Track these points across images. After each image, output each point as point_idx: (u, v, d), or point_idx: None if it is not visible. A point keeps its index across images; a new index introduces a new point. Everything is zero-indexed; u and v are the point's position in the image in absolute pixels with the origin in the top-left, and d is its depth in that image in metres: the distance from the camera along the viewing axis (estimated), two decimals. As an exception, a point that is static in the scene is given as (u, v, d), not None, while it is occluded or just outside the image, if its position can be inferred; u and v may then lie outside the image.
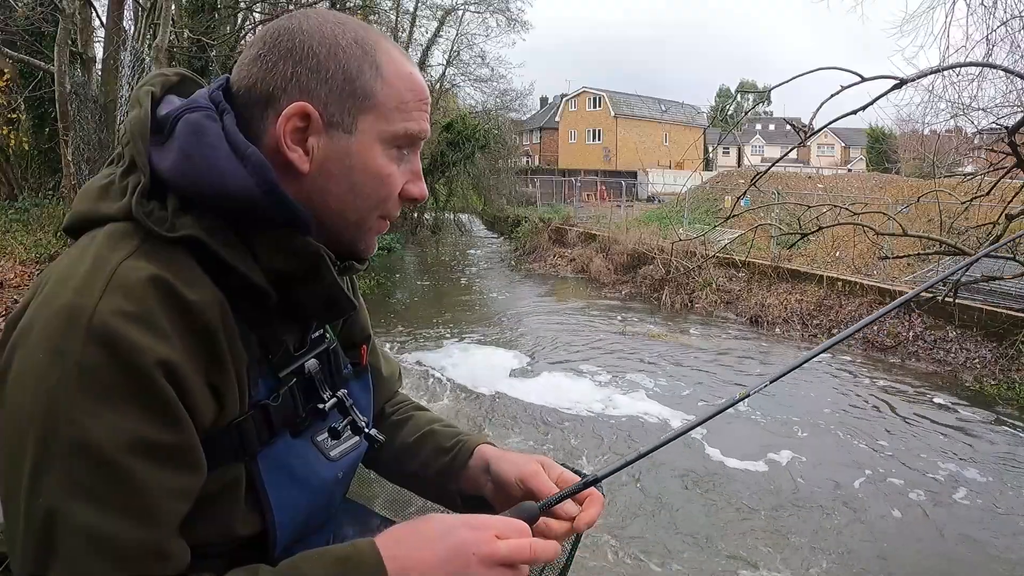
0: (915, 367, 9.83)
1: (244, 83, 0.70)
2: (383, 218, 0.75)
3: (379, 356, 1.00)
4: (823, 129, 4.23)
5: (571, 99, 46.59)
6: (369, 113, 0.69)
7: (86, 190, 0.70)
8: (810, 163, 42.45)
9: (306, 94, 0.67)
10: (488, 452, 0.91)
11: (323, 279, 0.70)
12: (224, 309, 0.65)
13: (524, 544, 0.68)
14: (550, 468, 0.85)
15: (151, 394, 0.59)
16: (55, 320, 0.58)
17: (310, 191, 0.69)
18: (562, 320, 12.81)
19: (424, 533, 0.67)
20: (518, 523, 0.71)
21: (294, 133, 0.68)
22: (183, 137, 0.66)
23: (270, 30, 0.70)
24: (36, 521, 0.56)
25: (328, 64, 0.68)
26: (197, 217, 0.65)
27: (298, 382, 0.75)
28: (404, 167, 0.73)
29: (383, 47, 0.71)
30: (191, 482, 0.63)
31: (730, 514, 5.53)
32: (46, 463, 0.56)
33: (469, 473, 0.91)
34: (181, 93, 0.73)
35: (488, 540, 0.66)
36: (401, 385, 1.07)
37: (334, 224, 0.72)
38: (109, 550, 0.57)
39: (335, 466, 0.79)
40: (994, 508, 5.70)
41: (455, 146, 17.77)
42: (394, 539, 0.66)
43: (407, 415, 1.01)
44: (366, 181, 0.71)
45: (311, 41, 0.68)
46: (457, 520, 0.69)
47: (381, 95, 0.70)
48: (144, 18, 11.18)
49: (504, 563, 0.66)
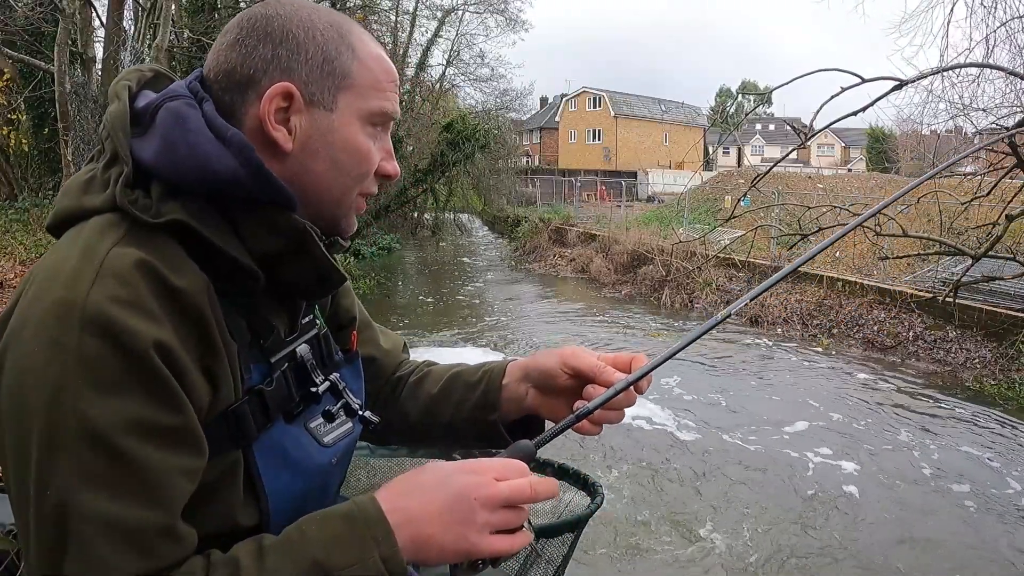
0: (915, 367, 9.83)
1: (222, 68, 0.71)
2: (363, 195, 0.77)
3: (376, 332, 1.01)
4: (823, 130, 4.23)
5: (571, 99, 46.59)
6: (347, 91, 0.72)
7: (68, 187, 0.70)
8: (810, 163, 42.45)
9: (287, 74, 0.69)
10: (519, 362, 0.92)
11: (311, 254, 0.71)
12: (211, 294, 0.66)
13: (524, 484, 0.68)
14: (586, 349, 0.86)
15: (150, 377, 0.59)
16: (49, 314, 0.58)
17: (294, 170, 0.71)
18: (562, 320, 12.81)
19: (423, 483, 0.67)
20: (516, 463, 0.71)
21: (277, 113, 0.69)
22: (165, 125, 0.67)
23: (246, 16, 0.72)
24: (47, 514, 0.57)
25: (307, 45, 0.70)
26: (182, 202, 0.65)
27: (291, 367, 0.75)
28: (378, 145, 0.76)
29: (355, 31, 0.74)
30: (195, 463, 0.63)
31: (716, 506, 5.53)
32: (53, 455, 0.57)
33: (507, 393, 0.91)
34: (155, 89, 0.74)
35: (488, 483, 0.67)
36: (408, 356, 1.07)
37: (318, 201, 0.73)
38: (123, 535, 0.57)
39: (329, 452, 0.79)
40: (994, 508, 5.71)
41: (455, 146, 17.73)
42: (394, 492, 0.67)
43: (423, 372, 1.01)
44: (347, 158, 0.73)
45: (288, 24, 0.70)
46: (454, 466, 0.69)
47: (357, 75, 0.72)
48: (144, 18, 11.18)
49: (506, 505, 0.67)
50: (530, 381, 0.89)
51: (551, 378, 0.86)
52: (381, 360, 1.00)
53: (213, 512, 0.67)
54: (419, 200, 20.58)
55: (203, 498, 0.65)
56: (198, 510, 0.64)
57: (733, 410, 7.56)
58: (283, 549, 0.63)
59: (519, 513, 0.68)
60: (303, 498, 0.76)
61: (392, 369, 1.02)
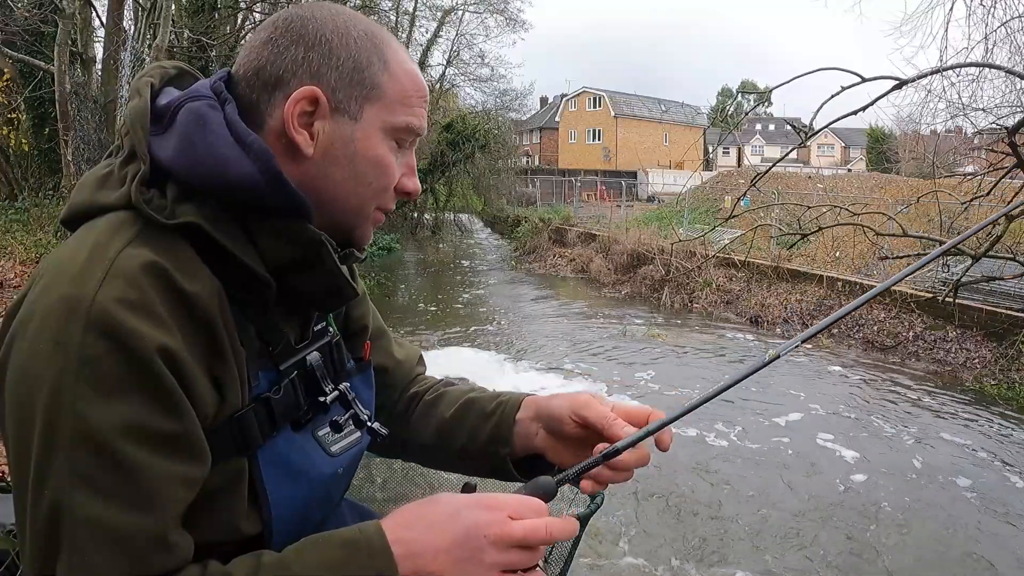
0: (915, 367, 9.83)
1: (252, 65, 0.70)
2: (380, 210, 0.75)
3: (391, 342, 0.99)
4: (823, 130, 4.23)
5: (571, 99, 46.58)
6: (375, 103, 0.71)
7: (83, 182, 0.70)
8: (810, 163, 42.45)
9: (316, 79, 0.68)
10: (534, 399, 0.90)
11: (325, 266, 0.70)
12: (222, 299, 0.65)
13: (539, 524, 0.65)
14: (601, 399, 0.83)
15: (152, 382, 0.58)
16: (54, 310, 0.58)
17: (313, 175, 0.70)
18: (562, 320, 12.81)
19: (432, 515, 0.65)
20: (533, 501, 0.68)
21: (301, 116, 0.68)
22: (185, 125, 0.66)
23: (282, 15, 0.71)
24: (42, 513, 0.57)
25: (339, 52, 0.69)
26: (198, 205, 0.64)
27: (300, 375, 0.74)
28: (400, 160, 0.74)
29: (391, 43, 0.73)
30: (193, 471, 0.62)
31: (722, 508, 5.54)
32: (50, 455, 0.56)
33: (519, 429, 0.88)
34: (179, 86, 0.73)
35: (501, 521, 0.64)
36: (424, 369, 1.05)
37: (334, 210, 0.72)
38: (112, 540, 0.56)
39: (335, 462, 0.78)
40: (994, 508, 5.71)
41: (455, 146, 17.77)
42: (401, 522, 0.65)
43: (439, 392, 0.98)
44: (367, 169, 0.71)
45: (323, 29, 0.69)
46: (468, 500, 0.66)
47: (387, 87, 0.71)
48: (144, 18, 11.19)
49: (519, 545, 0.64)
50: (541, 422, 0.87)
51: (560, 423, 0.84)
52: (394, 371, 0.98)
53: (216, 519, 0.66)
54: (419, 200, 20.61)
55: (207, 505, 0.64)
56: (201, 517, 0.64)
57: (732, 408, 7.56)
58: (279, 571, 0.61)
59: (532, 554, 0.65)
60: (307, 507, 0.75)
61: (406, 381, 1.00)
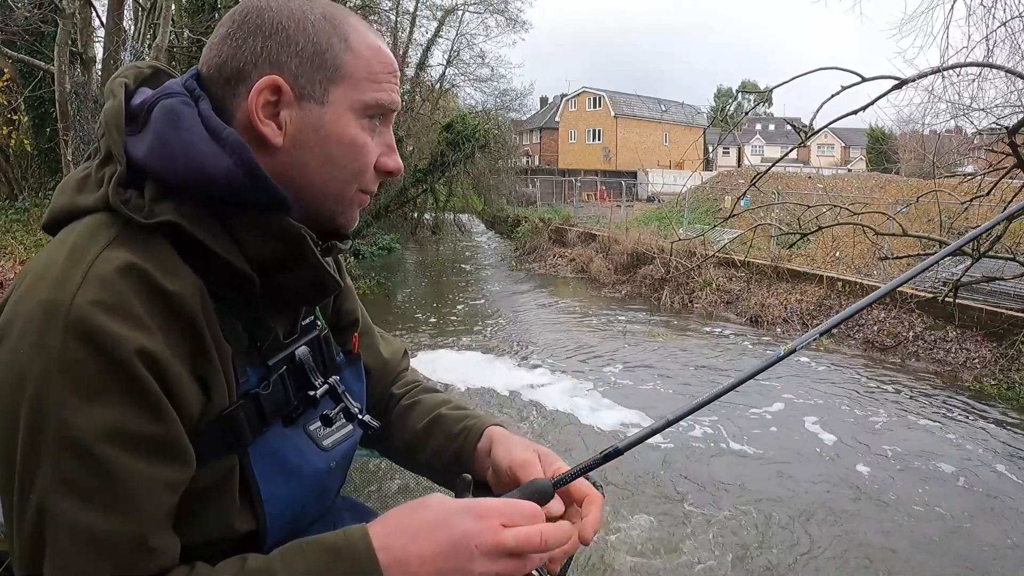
0: (915, 367, 9.83)
1: (215, 62, 0.69)
2: (362, 192, 0.75)
3: (377, 338, 0.99)
4: (823, 129, 4.23)
5: (571, 99, 46.55)
6: (340, 84, 0.69)
7: (63, 186, 0.69)
8: (810, 163, 42.45)
9: (276, 67, 0.67)
10: (494, 434, 0.86)
11: (307, 260, 0.70)
12: (204, 297, 0.64)
13: (533, 532, 0.63)
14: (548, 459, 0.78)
15: (132, 385, 0.58)
16: (35, 315, 0.58)
17: (286, 165, 0.69)
18: (562, 320, 12.80)
19: (421, 521, 0.62)
20: (528, 506, 0.66)
21: (266, 107, 0.68)
22: (159, 123, 0.66)
23: (238, 10, 0.70)
24: (28, 518, 0.57)
25: (297, 37, 0.68)
26: (176, 203, 0.64)
27: (288, 370, 0.74)
28: (378, 139, 0.73)
29: (350, 21, 0.72)
30: (176, 474, 0.61)
31: (722, 508, 5.54)
32: (35, 459, 0.57)
33: (477, 457, 0.86)
34: (153, 86, 0.72)
35: (492, 529, 0.62)
36: (408, 364, 1.04)
37: (314, 198, 0.71)
38: (94, 545, 0.56)
39: (328, 456, 0.77)
40: (991, 506, 5.71)
41: (455, 146, 17.72)
42: (388, 527, 0.63)
43: (414, 400, 0.97)
44: (341, 152, 0.70)
45: (279, 17, 0.68)
46: (459, 506, 0.64)
47: (351, 66, 0.70)
48: (144, 18, 11.19)
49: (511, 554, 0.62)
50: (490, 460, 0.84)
51: (500, 474, 0.80)
52: (379, 371, 0.98)
53: (209, 517, 0.66)
54: (419, 200, 20.59)
55: (199, 504, 0.64)
56: (194, 516, 0.64)
57: (733, 409, 7.56)
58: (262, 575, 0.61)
59: (525, 562, 0.63)
60: (301, 503, 0.75)
61: (389, 380, 1.00)
